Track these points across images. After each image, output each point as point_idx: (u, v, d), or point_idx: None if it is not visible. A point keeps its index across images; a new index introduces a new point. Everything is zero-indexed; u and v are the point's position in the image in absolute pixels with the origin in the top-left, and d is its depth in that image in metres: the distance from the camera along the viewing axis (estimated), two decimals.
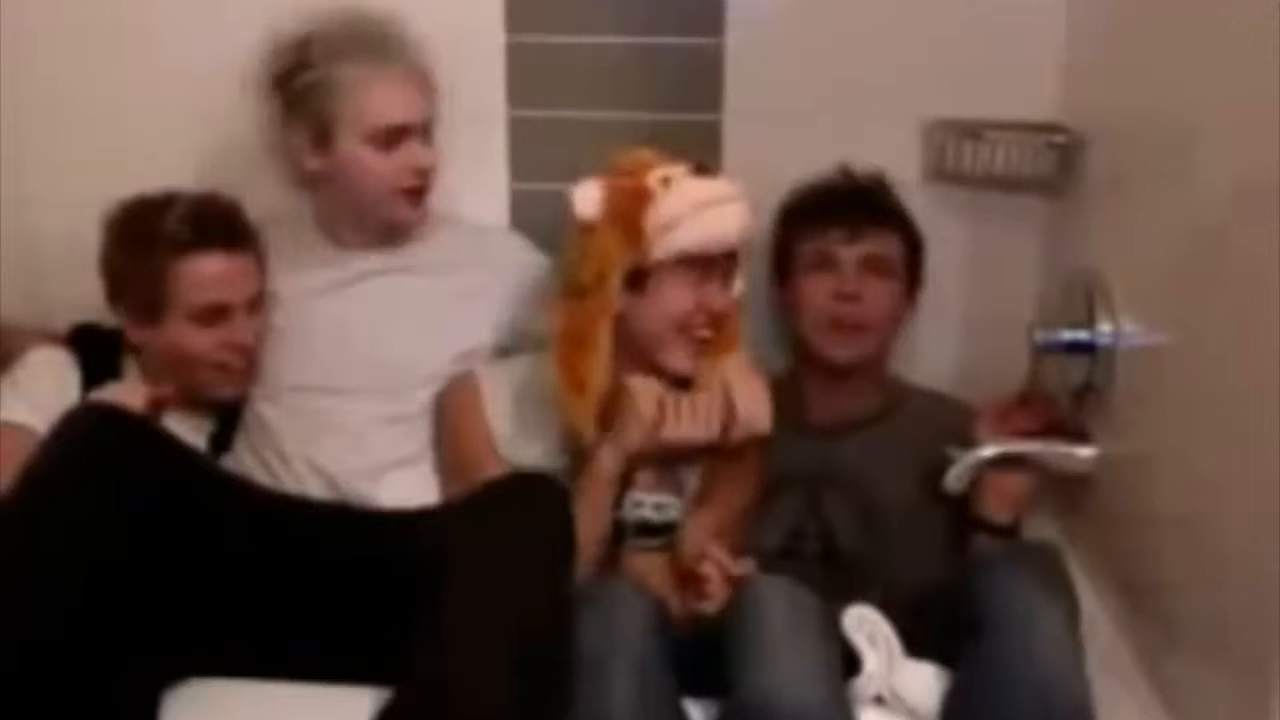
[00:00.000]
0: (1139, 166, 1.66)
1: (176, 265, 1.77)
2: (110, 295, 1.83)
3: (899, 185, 1.97)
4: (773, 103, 2.00)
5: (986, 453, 1.75)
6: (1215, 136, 1.41)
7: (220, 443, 1.88)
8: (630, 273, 1.71)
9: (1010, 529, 1.79)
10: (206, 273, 1.78)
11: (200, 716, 1.51)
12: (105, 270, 1.82)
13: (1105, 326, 1.64)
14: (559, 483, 1.61)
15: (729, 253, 1.73)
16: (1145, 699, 1.51)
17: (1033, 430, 1.78)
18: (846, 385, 1.94)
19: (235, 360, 1.83)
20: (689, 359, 1.74)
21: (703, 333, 1.73)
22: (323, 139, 1.81)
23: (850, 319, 1.88)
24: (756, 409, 1.75)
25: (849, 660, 1.50)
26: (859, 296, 1.88)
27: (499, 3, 2.00)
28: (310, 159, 1.83)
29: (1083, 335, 1.66)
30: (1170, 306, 1.51)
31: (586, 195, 1.72)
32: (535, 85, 2.04)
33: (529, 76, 2.03)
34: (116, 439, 1.53)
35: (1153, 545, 1.56)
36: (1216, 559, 1.38)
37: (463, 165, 1.99)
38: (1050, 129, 1.90)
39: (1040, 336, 1.70)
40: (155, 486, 1.51)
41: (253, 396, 1.88)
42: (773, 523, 1.86)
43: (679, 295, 1.72)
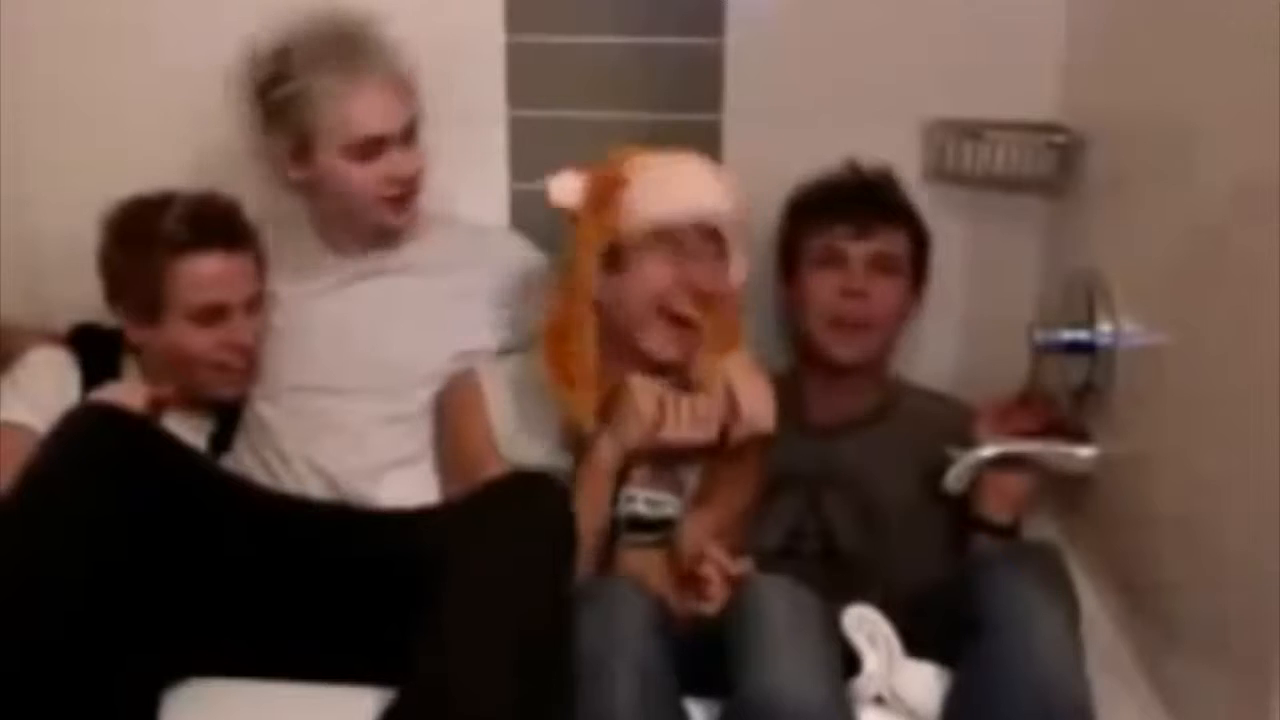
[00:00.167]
0: (1139, 166, 1.65)
1: (175, 265, 1.77)
2: (109, 295, 1.83)
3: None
4: (773, 103, 2.00)
5: (986, 453, 1.75)
6: (1215, 136, 1.41)
7: (220, 443, 1.88)
8: (608, 255, 1.71)
9: (1010, 529, 1.79)
10: (205, 273, 1.78)
11: (200, 716, 1.51)
12: (104, 270, 1.82)
13: (1105, 326, 1.64)
14: (559, 482, 1.61)
15: (710, 230, 1.71)
16: (1145, 699, 1.51)
17: (1033, 430, 1.78)
18: (848, 383, 1.93)
19: (234, 360, 1.83)
20: (670, 343, 1.72)
21: (684, 309, 1.70)
22: (302, 150, 1.80)
23: (856, 316, 1.88)
24: (760, 408, 1.74)
25: (849, 660, 1.50)
26: (866, 294, 1.87)
27: (499, 3, 2.00)
28: (291, 169, 1.83)
29: (1083, 335, 1.66)
30: (1170, 306, 1.51)
31: (564, 185, 1.74)
32: (535, 85, 2.04)
33: (529, 76, 2.03)
34: (116, 439, 1.53)
35: (1153, 545, 1.56)
36: (1216, 559, 1.38)
37: (463, 165, 2.00)
38: (1050, 129, 1.90)
39: (1040, 336, 1.70)
40: (155, 486, 1.52)
41: (252, 396, 1.88)
42: (773, 522, 1.86)
43: (656, 271, 1.70)
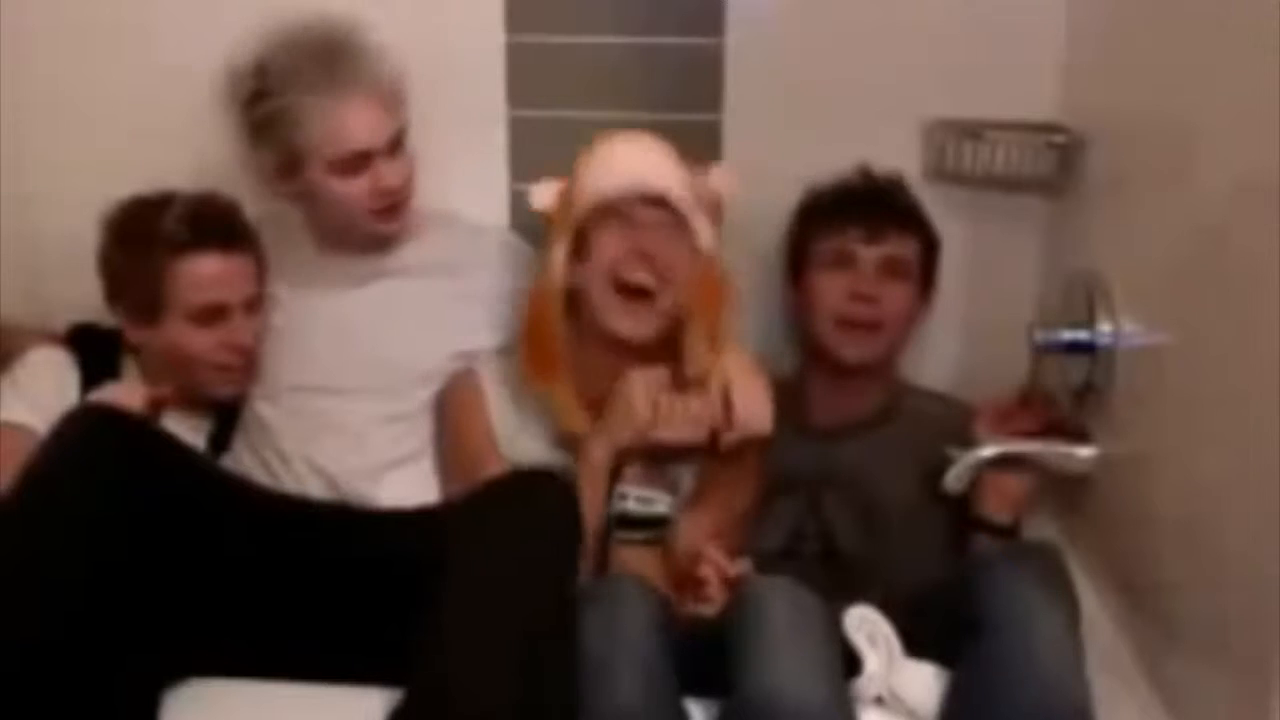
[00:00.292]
0: (1139, 166, 1.65)
1: (174, 265, 1.77)
2: (108, 295, 1.83)
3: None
4: (773, 103, 2.00)
5: (986, 453, 1.75)
6: (1215, 136, 1.41)
7: (219, 442, 1.88)
8: (575, 246, 1.73)
9: (1010, 529, 1.79)
10: (204, 273, 1.78)
11: (200, 716, 1.51)
12: (103, 270, 1.82)
13: (1105, 326, 1.63)
14: (563, 480, 1.61)
15: (656, 199, 1.72)
16: (1145, 699, 1.51)
17: (1033, 430, 1.78)
18: (852, 386, 1.93)
19: (234, 360, 1.83)
20: (628, 316, 1.72)
21: (635, 277, 1.71)
22: (289, 166, 1.80)
23: (865, 319, 1.88)
24: (756, 409, 1.74)
25: (850, 661, 1.50)
26: (876, 297, 1.88)
27: (499, 3, 2.00)
28: (279, 184, 1.82)
29: (1083, 335, 1.66)
30: (1170, 306, 1.51)
31: (543, 191, 1.79)
32: (535, 85, 2.03)
33: (529, 76, 2.03)
34: (116, 439, 1.53)
35: (1153, 545, 1.56)
36: (1216, 559, 1.38)
37: (463, 165, 2.00)
38: (1050, 129, 1.90)
39: (1040, 336, 1.70)
40: (155, 487, 1.51)
41: (251, 396, 1.88)
42: (773, 523, 1.86)
43: (607, 245, 1.72)
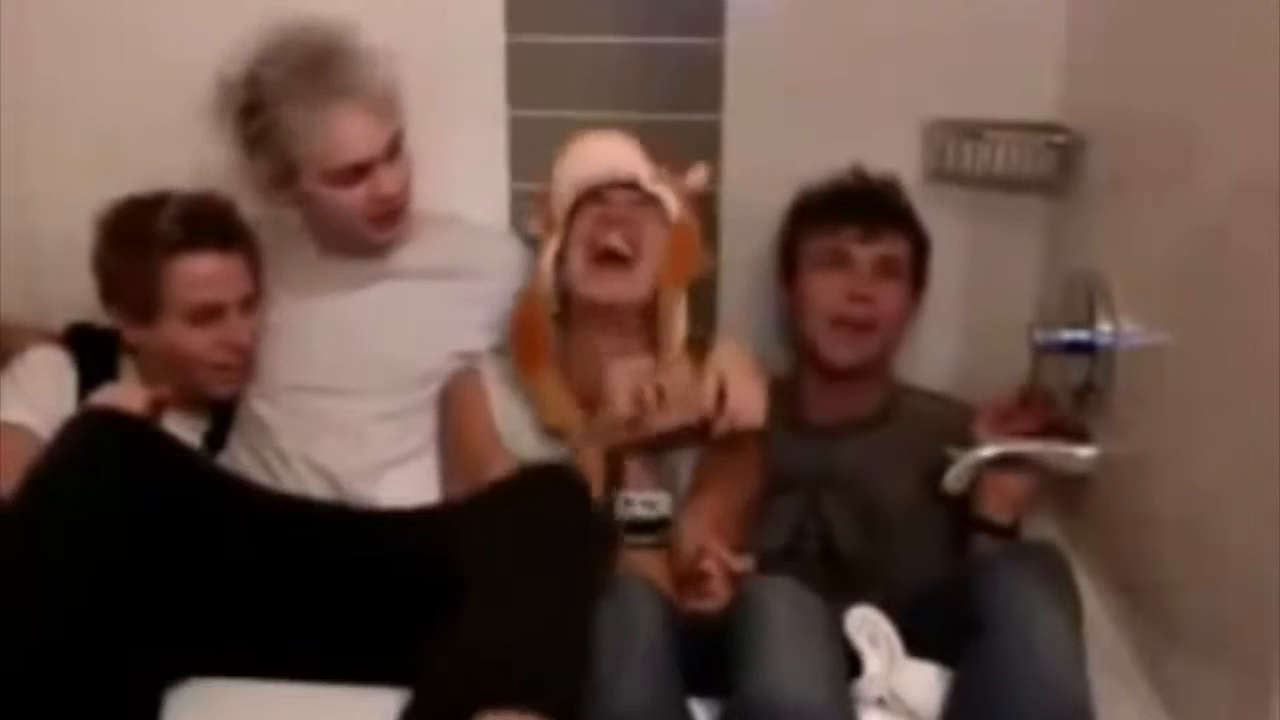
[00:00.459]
0: (1139, 166, 1.65)
1: (169, 265, 1.77)
2: (104, 296, 1.83)
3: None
4: (773, 103, 2.00)
5: (986, 453, 1.75)
6: (1215, 136, 1.41)
7: (214, 441, 1.89)
8: (560, 252, 1.81)
9: (1010, 529, 1.79)
10: (199, 272, 1.78)
11: (201, 716, 1.51)
12: (99, 271, 1.82)
13: (1105, 326, 1.63)
14: (580, 476, 1.61)
15: (628, 183, 1.78)
16: (1145, 699, 1.51)
17: (1033, 430, 1.78)
18: (848, 385, 1.93)
19: (231, 360, 1.83)
20: (605, 282, 1.77)
21: (609, 241, 1.76)
22: (284, 178, 1.79)
23: (860, 319, 1.88)
24: (749, 402, 1.75)
25: (851, 661, 1.50)
26: (872, 298, 1.88)
27: (499, 3, 2.00)
28: (276, 194, 1.82)
29: (1083, 335, 1.66)
30: (1170, 306, 1.51)
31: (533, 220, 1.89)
32: (535, 85, 2.03)
33: (529, 76, 2.03)
34: (118, 441, 1.53)
35: (1153, 545, 1.56)
36: (1216, 559, 1.38)
37: (463, 165, 2.00)
38: (1050, 129, 1.90)
39: (1040, 336, 1.70)
40: (156, 488, 1.52)
41: (247, 395, 1.88)
42: (773, 523, 1.86)
43: (584, 224, 1.79)
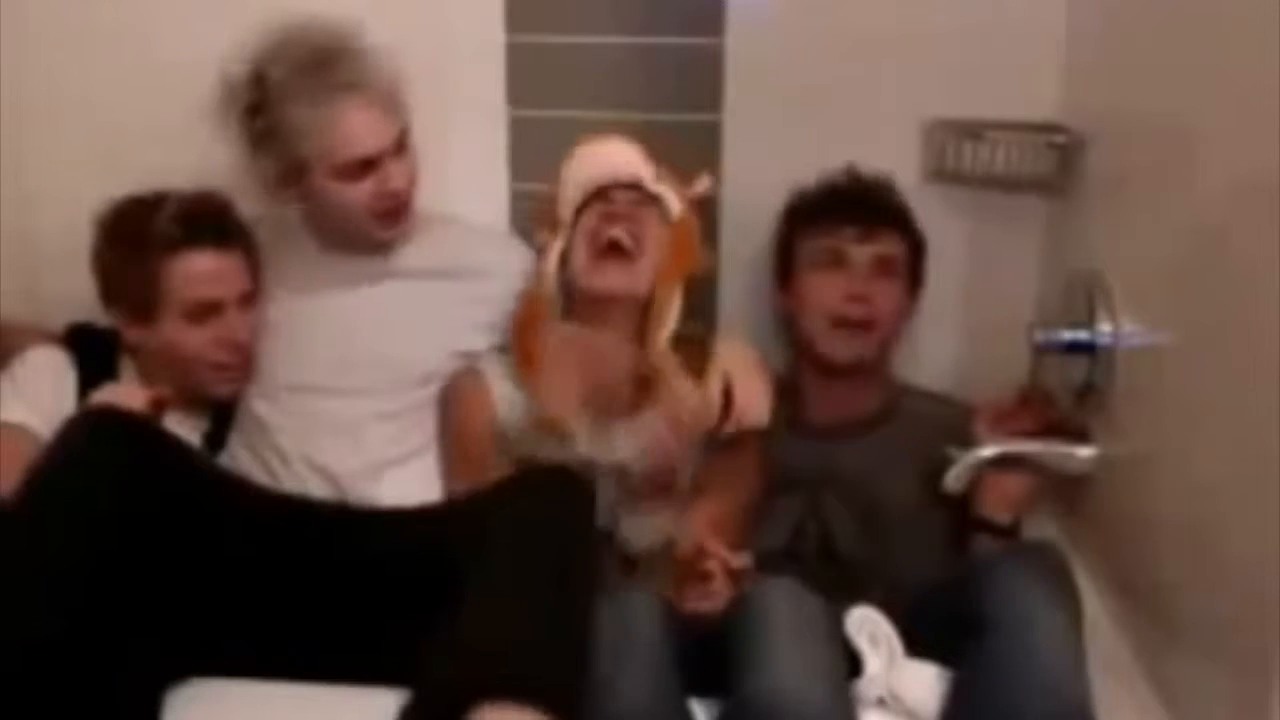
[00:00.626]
0: (1139, 166, 1.65)
1: (168, 264, 1.77)
2: (104, 295, 1.83)
3: (899, 185, 1.96)
4: (773, 103, 2.00)
5: (986, 453, 1.75)
6: (1215, 136, 1.41)
7: (214, 440, 1.89)
8: (563, 255, 1.83)
9: (1011, 529, 1.79)
10: (197, 269, 1.78)
11: (202, 716, 1.51)
12: (98, 270, 1.82)
13: (1105, 326, 1.64)
14: (582, 476, 1.61)
15: (632, 184, 1.80)
16: (1145, 699, 1.51)
17: (1032, 430, 1.78)
18: (847, 385, 1.93)
19: (230, 357, 1.83)
20: (607, 274, 1.79)
21: (612, 234, 1.77)
22: (292, 175, 1.79)
23: (858, 318, 1.88)
24: (753, 401, 1.75)
25: (851, 661, 1.50)
26: (869, 297, 1.88)
27: (499, 3, 2.00)
28: (282, 192, 1.82)
29: (1083, 335, 1.66)
30: (1170, 306, 1.51)
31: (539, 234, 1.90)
32: (535, 85, 2.04)
33: (529, 76, 2.03)
34: (119, 441, 1.53)
35: (1153, 545, 1.56)
36: (1216, 559, 1.38)
37: (463, 165, 2.00)
38: (1050, 129, 1.90)
39: (1040, 336, 1.70)
40: (157, 488, 1.52)
41: (247, 394, 1.88)
42: (773, 523, 1.86)
43: (588, 221, 1.80)
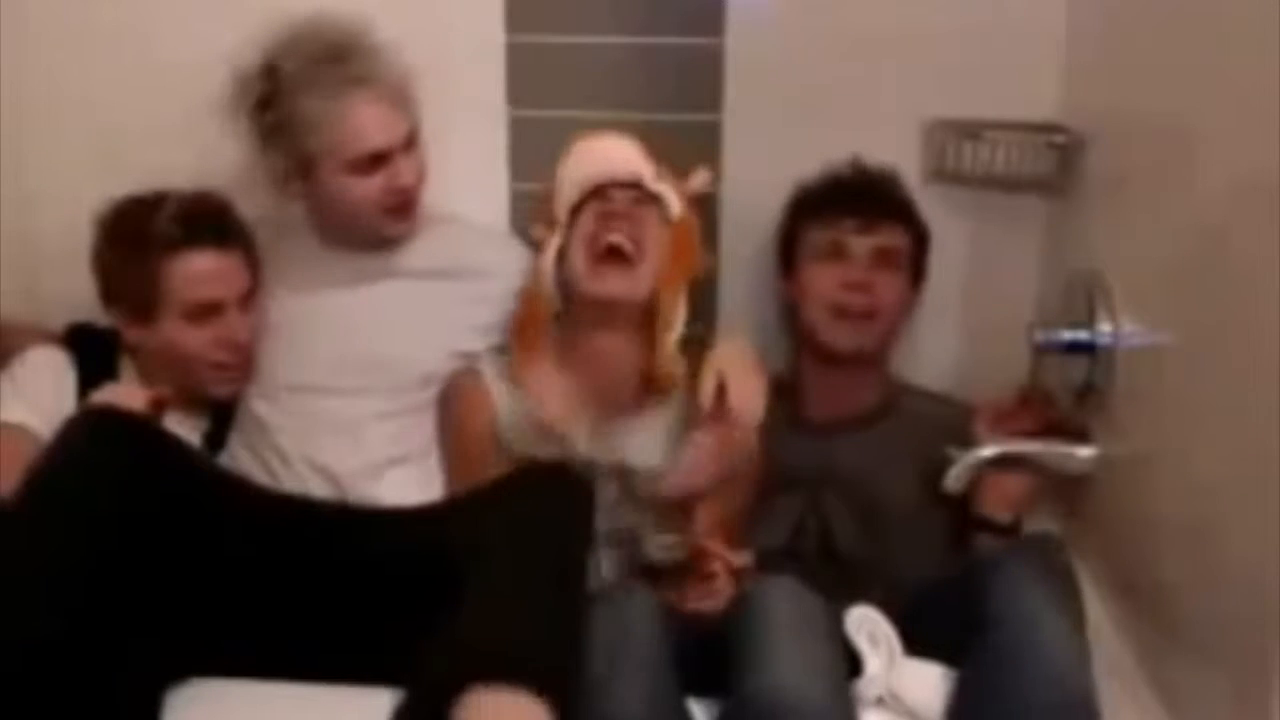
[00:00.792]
0: (1139, 166, 1.65)
1: (168, 264, 1.77)
2: (103, 295, 1.83)
3: None
4: (773, 103, 2.00)
5: (986, 453, 1.75)
6: (1215, 136, 1.41)
7: (214, 440, 1.88)
8: (560, 251, 1.81)
9: (1011, 528, 1.79)
10: (197, 269, 1.78)
11: (202, 716, 1.51)
12: (98, 270, 1.82)
13: (1105, 326, 1.64)
14: (579, 475, 1.61)
15: (630, 183, 1.79)
16: (1146, 700, 1.51)
17: (1032, 430, 1.79)
18: (847, 377, 1.93)
19: (231, 357, 1.83)
20: (606, 279, 1.77)
21: (612, 238, 1.76)
22: (302, 169, 1.79)
23: (858, 307, 1.88)
24: (746, 400, 1.75)
25: (851, 661, 1.50)
26: (869, 286, 1.88)
27: (499, 3, 2.00)
28: (292, 187, 1.82)
29: (1083, 335, 1.66)
30: (1170, 306, 1.51)
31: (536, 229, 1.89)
32: (535, 85, 2.03)
33: (529, 76, 2.03)
34: (119, 441, 1.53)
35: (1153, 545, 1.56)
36: (1217, 560, 1.38)
37: (463, 165, 2.00)
38: (1050, 129, 1.90)
39: (1040, 336, 1.70)
40: (158, 487, 1.52)
41: (247, 394, 1.87)
42: (773, 522, 1.86)
43: (586, 222, 1.79)
